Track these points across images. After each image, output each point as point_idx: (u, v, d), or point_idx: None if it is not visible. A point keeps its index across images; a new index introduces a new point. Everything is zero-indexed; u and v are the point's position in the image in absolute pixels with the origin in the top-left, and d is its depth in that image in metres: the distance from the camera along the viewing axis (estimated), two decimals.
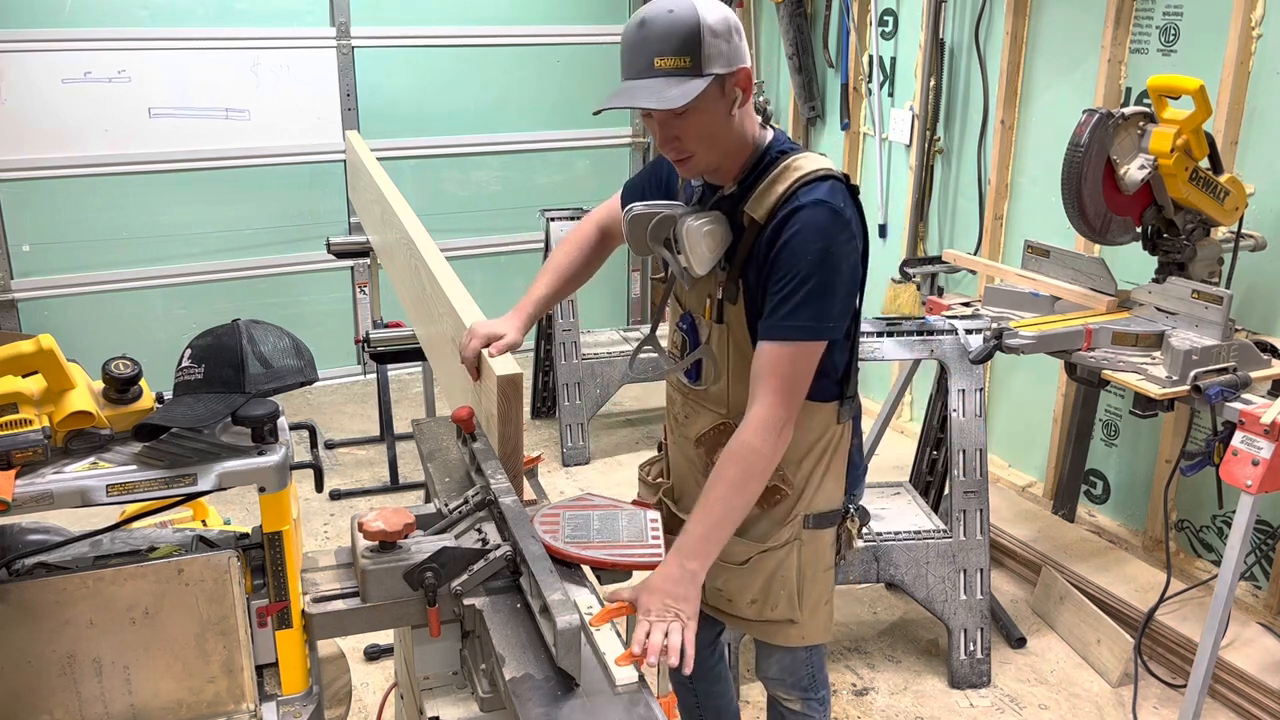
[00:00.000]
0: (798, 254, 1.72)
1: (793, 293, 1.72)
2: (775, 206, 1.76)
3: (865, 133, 4.80)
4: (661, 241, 1.88)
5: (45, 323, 4.79)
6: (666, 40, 1.66)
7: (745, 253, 1.81)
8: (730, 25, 1.71)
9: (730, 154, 1.81)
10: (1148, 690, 3.04)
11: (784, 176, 1.78)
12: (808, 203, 1.74)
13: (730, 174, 1.84)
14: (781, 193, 1.76)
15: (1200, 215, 2.95)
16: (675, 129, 1.74)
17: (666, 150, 1.79)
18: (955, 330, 3.02)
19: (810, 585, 2.01)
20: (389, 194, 3.41)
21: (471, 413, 2.01)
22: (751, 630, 2.09)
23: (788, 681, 2.18)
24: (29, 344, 1.51)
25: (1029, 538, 3.64)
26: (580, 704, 1.39)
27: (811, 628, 2.04)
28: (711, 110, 1.72)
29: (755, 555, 1.96)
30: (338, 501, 4.18)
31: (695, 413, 2.01)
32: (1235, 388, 2.61)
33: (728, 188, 1.85)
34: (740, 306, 1.85)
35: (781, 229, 1.74)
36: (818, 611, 2.04)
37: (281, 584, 1.59)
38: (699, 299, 1.92)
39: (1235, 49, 3.13)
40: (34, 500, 1.44)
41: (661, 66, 1.67)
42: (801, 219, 1.72)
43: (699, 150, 1.77)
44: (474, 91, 5.43)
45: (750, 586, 1.99)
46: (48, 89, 4.61)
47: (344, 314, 5.43)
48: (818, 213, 1.73)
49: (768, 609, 2.00)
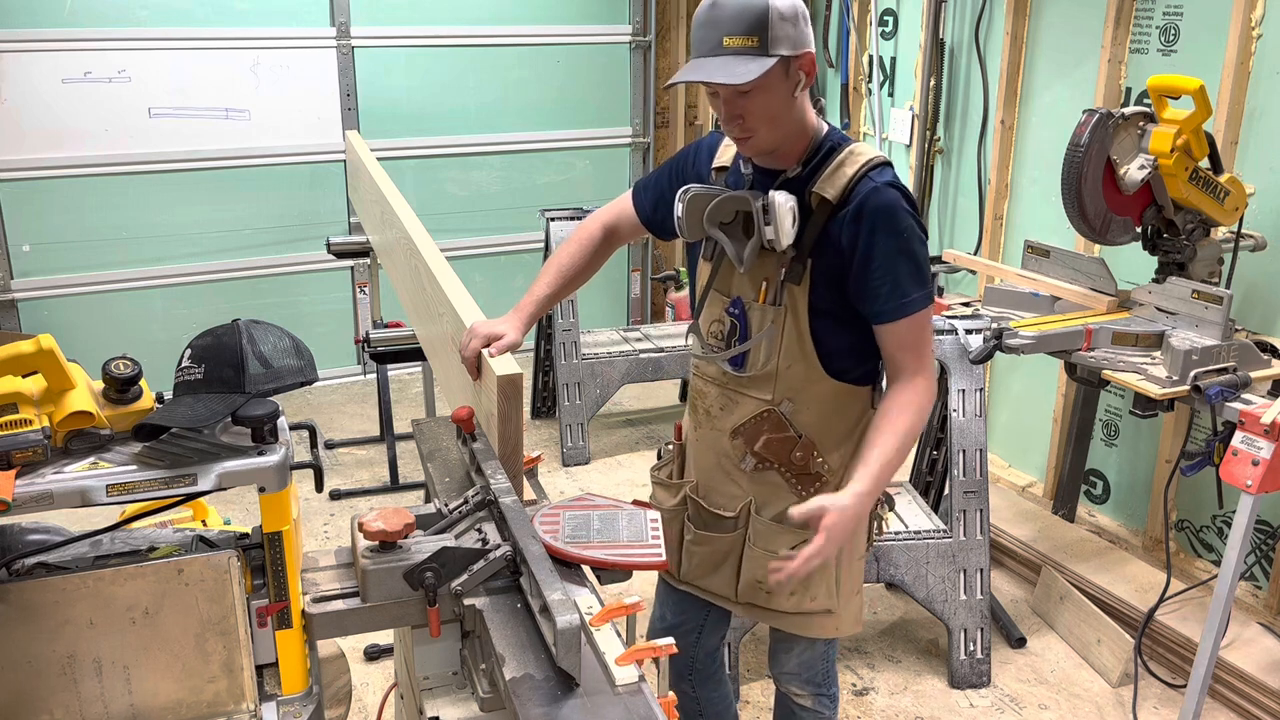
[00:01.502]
0: (893, 234, 1.81)
1: (897, 271, 1.81)
2: (849, 187, 1.82)
3: (865, 133, 4.80)
4: (718, 224, 1.89)
5: (45, 323, 4.79)
6: (737, 21, 1.72)
7: (817, 232, 1.84)
8: (798, 10, 1.77)
9: (790, 136, 1.85)
10: (1148, 690, 3.04)
11: (851, 160, 1.84)
12: (883, 183, 1.82)
13: (791, 157, 1.88)
14: (853, 175, 1.82)
15: (1200, 215, 2.95)
16: (740, 107, 1.78)
17: (730, 128, 1.82)
18: (955, 330, 3.02)
19: (847, 574, 2.04)
20: (389, 194, 3.41)
21: (471, 413, 2.00)
22: (787, 624, 2.08)
23: (804, 676, 2.19)
24: (29, 344, 1.50)
25: (1029, 538, 3.64)
26: (580, 704, 1.39)
27: (846, 618, 2.07)
28: (776, 90, 1.77)
29: (800, 544, 1.95)
30: (338, 501, 4.18)
31: (734, 402, 1.99)
32: (1235, 388, 2.61)
33: (791, 170, 1.88)
34: (804, 287, 1.87)
35: (863, 209, 1.80)
36: (851, 601, 2.07)
37: (281, 584, 1.59)
38: (753, 283, 1.92)
39: (1235, 49, 3.13)
40: (34, 500, 1.44)
41: (730, 45, 1.73)
42: (884, 200, 1.80)
43: (761, 129, 1.80)
44: (474, 91, 5.44)
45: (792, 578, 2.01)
46: (48, 89, 4.61)
47: (344, 314, 5.43)
48: (896, 194, 1.82)
49: (807, 600, 2.01)
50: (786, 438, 1.96)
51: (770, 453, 1.97)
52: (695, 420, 2.09)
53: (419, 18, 5.23)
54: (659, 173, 2.12)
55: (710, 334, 2.01)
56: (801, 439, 1.96)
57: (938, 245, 4.44)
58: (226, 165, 5.01)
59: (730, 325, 1.97)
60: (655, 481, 2.22)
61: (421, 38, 5.25)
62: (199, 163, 4.95)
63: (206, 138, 4.94)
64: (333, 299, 5.41)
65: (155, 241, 4.97)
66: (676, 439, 2.18)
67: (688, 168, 2.05)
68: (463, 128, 5.46)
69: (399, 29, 5.19)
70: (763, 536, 1.99)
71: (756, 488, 2.00)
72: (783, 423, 1.95)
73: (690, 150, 2.09)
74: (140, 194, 4.89)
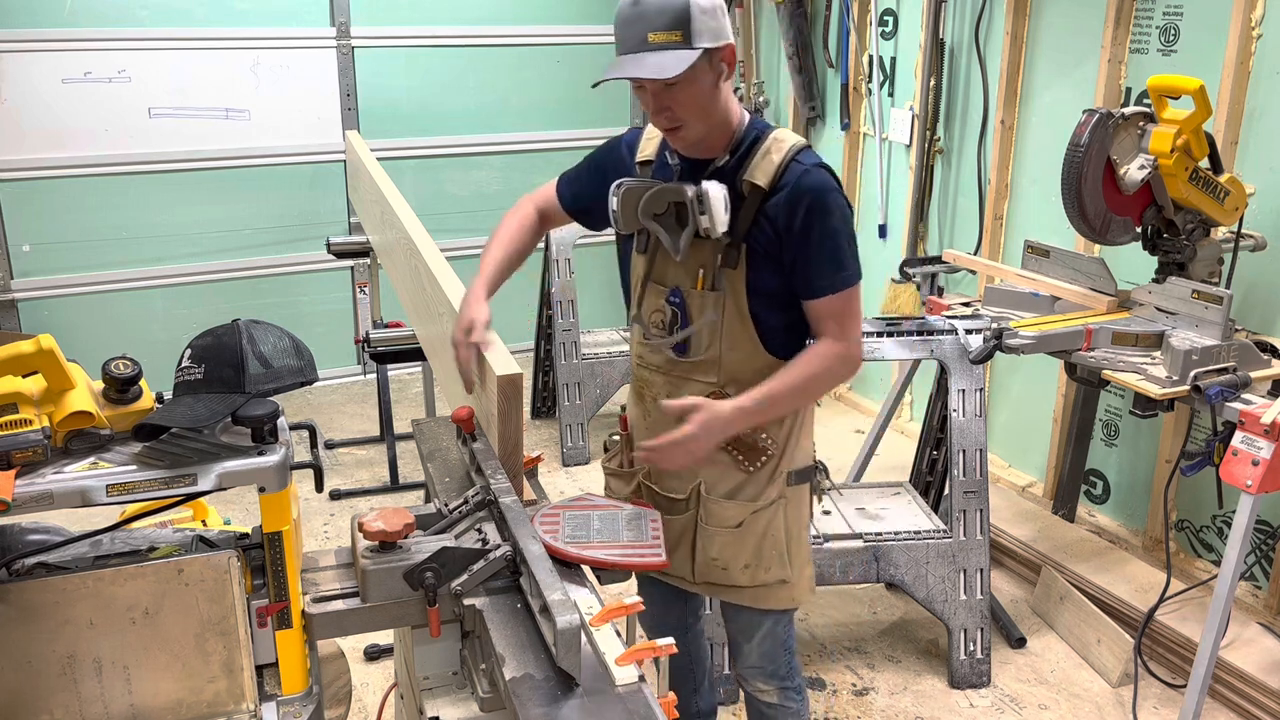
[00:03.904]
0: (827, 213, 1.88)
1: (832, 249, 1.90)
2: (778, 173, 1.89)
3: (865, 133, 4.80)
4: (652, 216, 1.94)
5: (45, 323, 4.79)
6: (659, 16, 1.79)
7: (750, 217, 1.91)
8: (717, 4, 1.83)
9: (717, 126, 1.92)
10: (1148, 690, 3.04)
11: (776, 147, 1.92)
12: (811, 165, 1.90)
13: (719, 147, 1.94)
14: (781, 161, 1.90)
15: (1200, 215, 2.95)
16: (668, 99, 1.84)
17: (659, 121, 1.89)
18: (955, 330, 3.02)
19: (796, 544, 2.13)
20: (389, 194, 3.41)
21: (471, 413, 2.01)
22: (745, 598, 2.14)
23: (767, 670, 2.24)
24: (29, 344, 1.51)
25: (1029, 538, 3.64)
26: (580, 704, 1.39)
27: (801, 587, 2.16)
28: (701, 82, 1.84)
29: (747, 517, 2.06)
30: (338, 501, 4.18)
31: (681, 388, 2.05)
32: (1235, 388, 2.61)
33: (720, 159, 1.94)
34: (741, 271, 1.94)
35: (796, 192, 1.88)
36: (804, 570, 2.16)
37: (281, 584, 1.59)
38: (689, 271, 1.99)
39: (1235, 49, 3.13)
40: (34, 500, 1.44)
41: (655, 41, 1.79)
42: (816, 181, 1.89)
43: (690, 120, 1.87)
44: (474, 91, 5.43)
45: (744, 550, 2.08)
46: (48, 89, 4.61)
47: (344, 314, 5.43)
48: (825, 176, 1.91)
49: (761, 571, 2.09)
50: None
51: None
52: (643, 410, 2.15)
53: (419, 18, 5.23)
54: (579, 167, 2.21)
55: (652, 324, 2.07)
56: None
57: (938, 245, 4.44)
58: (226, 165, 5.01)
59: (671, 314, 2.03)
60: (608, 473, 2.28)
61: (421, 38, 5.25)
62: (199, 163, 4.95)
63: (206, 138, 4.94)
64: (333, 299, 5.41)
65: (155, 241, 4.97)
66: (623, 430, 2.24)
67: (610, 164, 2.11)
68: (463, 128, 5.46)
69: (399, 29, 5.19)
70: (714, 515, 2.07)
71: (706, 469, 2.06)
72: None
73: (611, 146, 2.16)
74: (140, 194, 4.89)
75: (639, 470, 2.17)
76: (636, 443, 2.14)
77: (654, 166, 2.04)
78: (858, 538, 3.02)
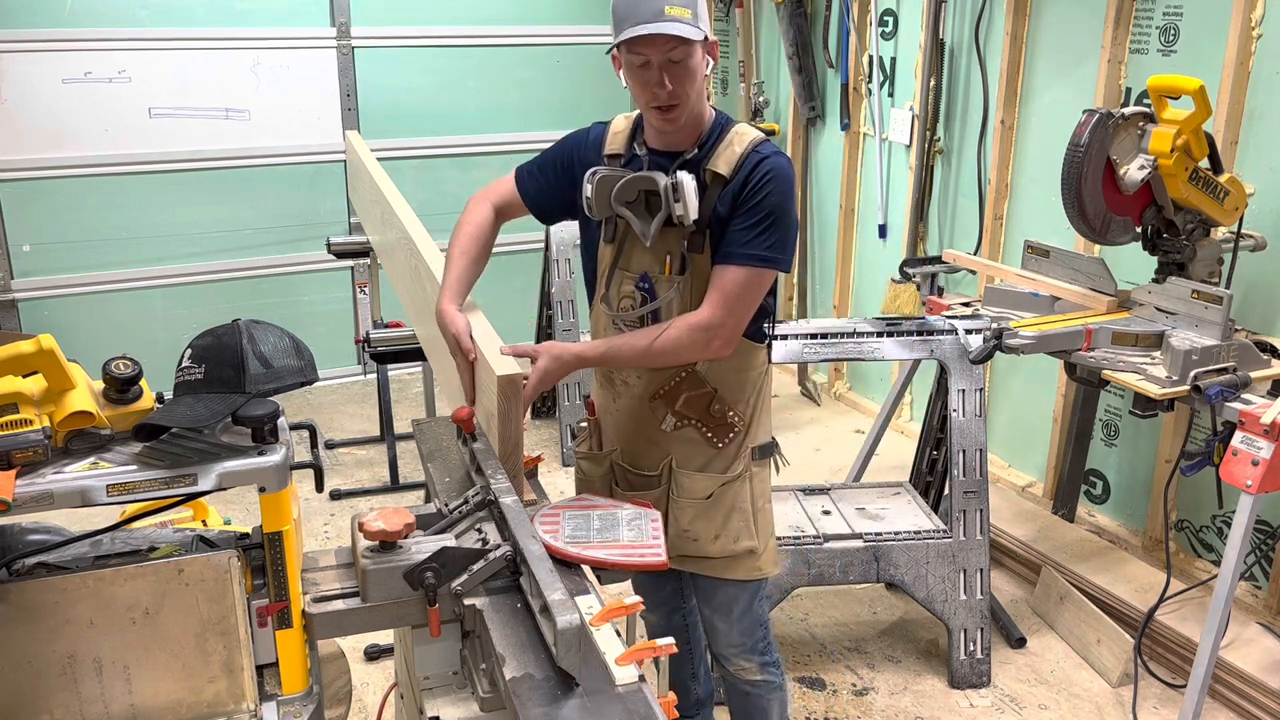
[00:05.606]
0: (768, 192, 1.97)
1: (757, 224, 1.97)
2: (739, 161, 2.00)
3: (865, 133, 4.80)
4: (624, 203, 2.01)
5: (45, 323, 4.79)
6: None
7: (712, 204, 2.01)
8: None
9: (694, 116, 2.02)
10: (1148, 690, 3.04)
11: (738, 139, 2.03)
12: (771, 153, 2.01)
13: (689, 139, 2.04)
14: (742, 151, 2.01)
15: (1200, 215, 2.95)
16: (672, 74, 1.92)
17: (660, 93, 1.94)
18: (955, 330, 3.02)
19: (762, 515, 2.23)
20: (389, 194, 3.41)
21: (471, 413, 2.01)
22: (716, 568, 2.21)
23: (746, 645, 2.31)
24: (29, 344, 1.51)
25: (1029, 538, 3.64)
26: (580, 704, 1.39)
27: (766, 557, 2.25)
28: (699, 65, 1.96)
29: (717, 489, 2.16)
30: (338, 501, 4.18)
31: (650, 369, 2.12)
32: (1235, 388, 2.61)
33: (689, 151, 2.04)
34: (706, 255, 2.03)
35: (751, 175, 1.98)
36: (769, 542, 2.26)
37: (281, 584, 1.59)
38: (656, 257, 2.07)
39: (1235, 49, 3.13)
40: (34, 500, 1.44)
41: (671, 14, 1.88)
42: (772, 166, 1.98)
43: (685, 99, 1.96)
44: (474, 91, 5.43)
45: (714, 522, 2.17)
46: (48, 89, 4.61)
47: (344, 314, 5.43)
48: (782, 162, 2.01)
49: (730, 541, 2.18)
50: (704, 393, 2.13)
51: (690, 410, 2.13)
52: (613, 393, 2.22)
53: (419, 18, 5.23)
54: (541, 162, 2.26)
55: (621, 309, 2.14)
56: (717, 392, 2.13)
57: (938, 245, 4.44)
58: (227, 165, 5.01)
59: (640, 299, 2.12)
60: (580, 457, 2.35)
61: (421, 38, 5.25)
62: (199, 163, 4.95)
63: (207, 138, 4.94)
64: (333, 299, 5.41)
65: (155, 241, 4.97)
66: (590, 414, 2.30)
67: (576, 158, 2.17)
68: (463, 128, 5.46)
69: (399, 29, 5.19)
70: (685, 488, 2.17)
71: (676, 446, 2.17)
72: (699, 379, 2.12)
73: (575, 142, 2.20)
74: (140, 194, 4.89)
75: (611, 452, 2.25)
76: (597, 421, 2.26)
77: (623, 159, 2.11)
78: (858, 538, 3.02)
